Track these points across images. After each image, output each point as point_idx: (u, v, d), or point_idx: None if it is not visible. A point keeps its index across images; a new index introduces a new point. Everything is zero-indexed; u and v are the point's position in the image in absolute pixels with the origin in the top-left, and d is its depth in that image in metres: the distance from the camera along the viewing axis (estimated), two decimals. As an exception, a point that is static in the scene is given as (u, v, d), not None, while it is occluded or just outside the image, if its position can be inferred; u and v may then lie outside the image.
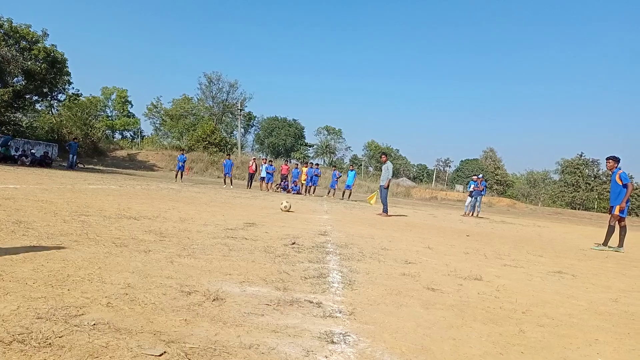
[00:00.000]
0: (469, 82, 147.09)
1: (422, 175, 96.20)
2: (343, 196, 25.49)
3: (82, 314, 2.14)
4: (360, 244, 5.98)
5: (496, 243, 8.21)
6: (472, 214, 20.00)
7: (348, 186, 24.65)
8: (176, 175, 25.40)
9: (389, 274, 4.04)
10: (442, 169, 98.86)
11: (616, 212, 8.89)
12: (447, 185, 79.81)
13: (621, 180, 8.90)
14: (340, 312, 2.65)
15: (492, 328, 2.68)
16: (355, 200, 23.54)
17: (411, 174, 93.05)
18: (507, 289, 3.91)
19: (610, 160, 9.22)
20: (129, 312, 2.26)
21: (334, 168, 29.75)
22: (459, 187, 67.14)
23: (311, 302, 2.79)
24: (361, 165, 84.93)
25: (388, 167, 13.45)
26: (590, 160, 78.32)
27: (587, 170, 77.70)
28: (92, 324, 2.03)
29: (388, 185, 13.37)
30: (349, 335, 2.26)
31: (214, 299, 2.63)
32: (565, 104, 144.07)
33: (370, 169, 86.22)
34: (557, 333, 2.72)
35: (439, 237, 8.27)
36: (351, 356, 1.99)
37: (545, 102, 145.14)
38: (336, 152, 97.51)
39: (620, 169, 9.06)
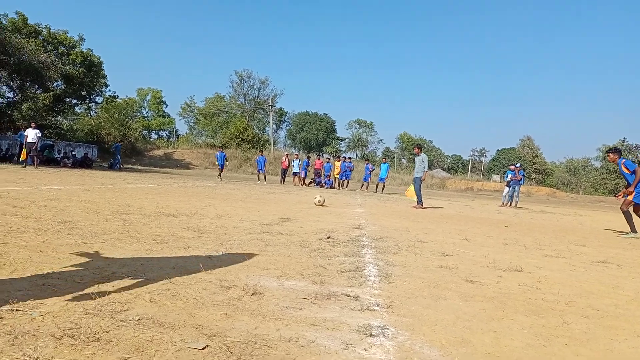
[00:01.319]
0: (503, 70, 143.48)
1: (457, 166, 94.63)
2: (377, 189, 25.36)
3: (127, 310, 2.22)
4: (395, 236, 5.94)
5: (536, 233, 8.01)
6: (510, 204, 19.55)
7: (381, 179, 24.48)
8: (220, 173, 25.44)
9: (426, 267, 4.01)
10: (477, 159, 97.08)
11: (629, 197, 8.75)
12: (483, 175, 78.31)
13: (627, 169, 8.83)
14: (377, 305, 2.65)
15: (534, 320, 2.62)
16: (389, 193, 23.39)
17: (445, 165, 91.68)
18: (548, 280, 3.82)
19: (610, 154, 9.32)
20: (171, 307, 2.32)
21: (366, 161, 29.61)
22: (496, 177, 65.80)
23: (348, 296, 2.80)
24: (394, 157, 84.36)
25: (423, 159, 13.31)
26: (634, 145, 75.39)
27: (630, 156, 74.76)
28: (137, 319, 2.09)
29: (424, 178, 13.26)
30: (387, 328, 2.26)
31: (253, 293, 2.67)
32: (606, 88, 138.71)
33: (404, 161, 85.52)
34: (603, 324, 2.64)
35: (477, 228, 8.13)
36: (390, 349, 1.98)
37: (584, 87, 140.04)
38: (368, 145, 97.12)
39: (623, 159, 9.02)
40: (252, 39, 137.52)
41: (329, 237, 5.32)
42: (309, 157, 28.53)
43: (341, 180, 25.30)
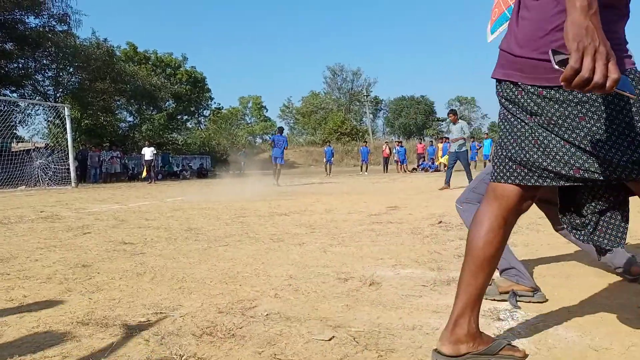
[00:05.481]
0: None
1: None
2: (485, 167, 24.24)
3: (255, 306, 2.35)
4: (512, 215, 5.63)
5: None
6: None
7: (486, 156, 23.36)
8: (326, 169, 25.90)
9: (552, 244, 3.75)
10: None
11: None
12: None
13: None
14: (501, 288, 2.53)
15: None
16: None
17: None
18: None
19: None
20: (295, 301, 2.43)
21: (472, 140, 28.35)
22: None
23: (469, 280, 2.70)
24: (500, 131, 79.65)
25: (463, 127, 11.57)
26: None
27: None
28: (265, 314, 2.22)
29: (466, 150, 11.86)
30: (515, 311, 2.15)
31: (370, 284, 2.70)
32: None
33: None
34: None
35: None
36: (521, 332, 1.89)
37: None
38: (472, 122, 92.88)
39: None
40: (340, 32, 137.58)
41: (440, 222, 5.19)
42: (400, 143, 28.14)
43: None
